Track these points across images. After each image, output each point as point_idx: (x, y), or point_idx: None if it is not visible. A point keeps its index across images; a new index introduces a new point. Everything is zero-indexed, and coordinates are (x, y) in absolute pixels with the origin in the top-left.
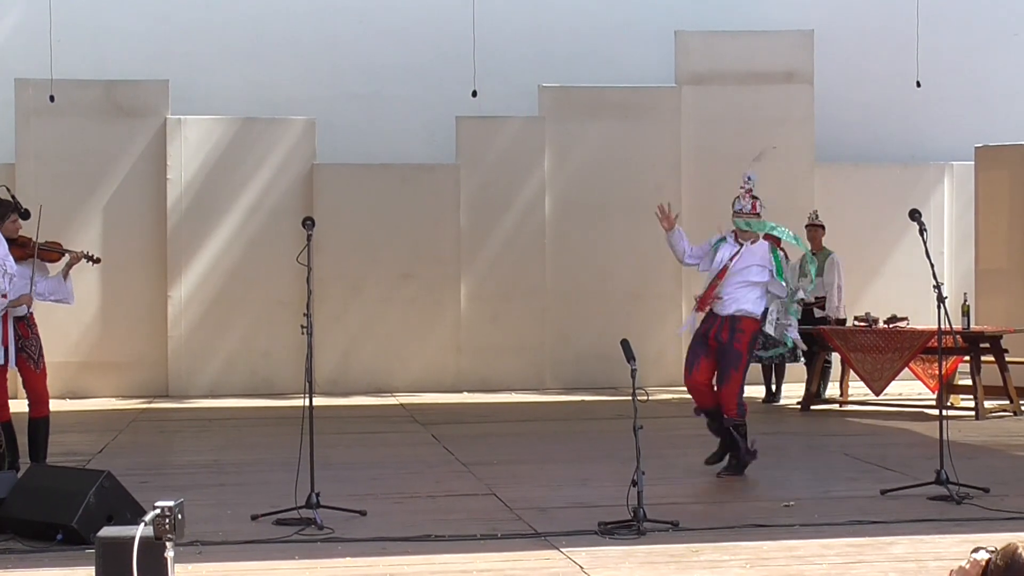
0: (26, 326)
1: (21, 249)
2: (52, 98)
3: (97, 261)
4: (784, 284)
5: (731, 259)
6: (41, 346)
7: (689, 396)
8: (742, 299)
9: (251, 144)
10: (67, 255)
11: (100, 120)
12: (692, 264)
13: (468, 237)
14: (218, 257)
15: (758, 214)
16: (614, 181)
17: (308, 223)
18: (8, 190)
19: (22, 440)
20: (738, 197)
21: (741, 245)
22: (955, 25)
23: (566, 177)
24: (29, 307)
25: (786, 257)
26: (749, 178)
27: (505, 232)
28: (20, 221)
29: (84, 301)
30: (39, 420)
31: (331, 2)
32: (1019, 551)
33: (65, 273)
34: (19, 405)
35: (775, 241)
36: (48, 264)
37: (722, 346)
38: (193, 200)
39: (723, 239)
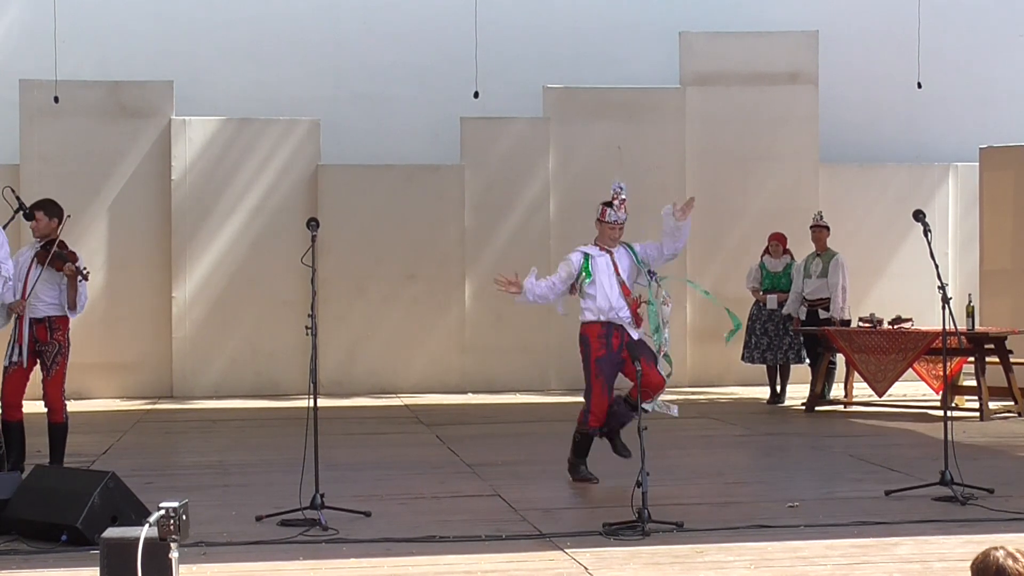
0: (46, 329)
1: (45, 251)
2: (56, 99)
3: (86, 277)
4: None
5: (615, 270)
6: (60, 351)
7: (693, 397)
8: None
9: (255, 145)
10: (65, 268)
11: (104, 121)
12: (562, 292)
13: (472, 237)
14: (222, 258)
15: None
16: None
17: (313, 224)
18: (12, 191)
19: (33, 441)
20: (613, 207)
21: (610, 252)
22: (959, 26)
23: (570, 178)
24: (20, 311)
25: (792, 258)
26: (621, 187)
27: (509, 232)
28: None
29: (88, 301)
30: (53, 426)
31: (335, 3)
32: (992, 553)
33: (70, 288)
34: (40, 407)
35: (782, 239)
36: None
37: (632, 343)
38: (197, 201)
39: (587, 255)
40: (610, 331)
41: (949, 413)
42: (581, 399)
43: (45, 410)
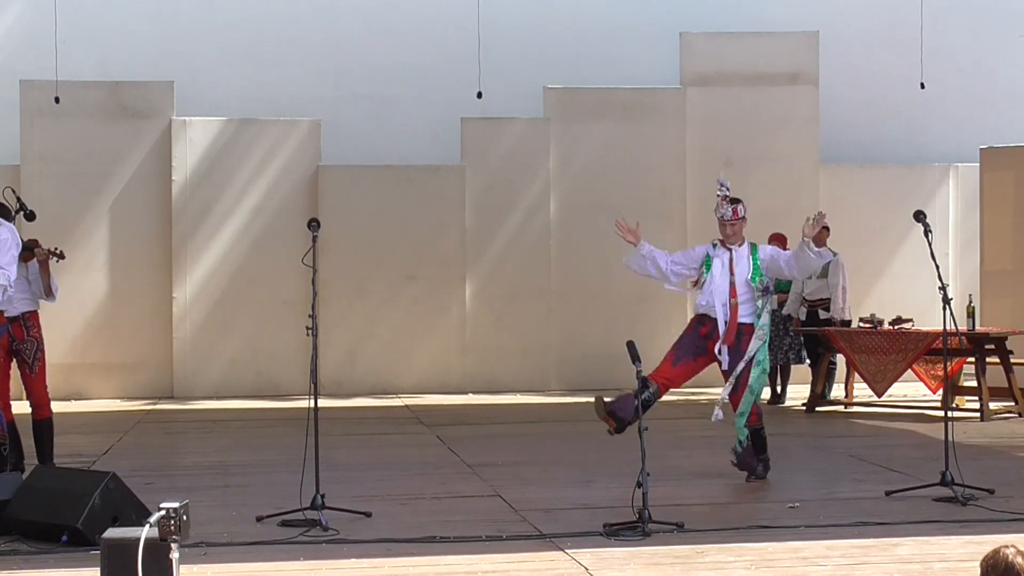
0: (21, 327)
1: None
2: (57, 99)
3: (62, 257)
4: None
5: (731, 269)
6: (39, 347)
7: (693, 397)
8: (747, 308)
9: (256, 145)
10: (36, 253)
11: (105, 121)
12: (681, 277)
13: (473, 238)
14: (223, 258)
15: (743, 218)
16: (619, 182)
17: (313, 224)
18: (13, 191)
19: (27, 442)
20: (718, 205)
21: (730, 250)
22: (960, 26)
23: (571, 178)
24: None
25: None
26: (722, 184)
27: (510, 233)
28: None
29: (89, 302)
30: (41, 423)
31: (336, 3)
32: (1001, 551)
33: (43, 273)
34: (25, 406)
35: (782, 239)
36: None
37: (732, 354)
38: (198, 201)
39: (708, 254)
40: (703, 321)
41: (949, 414)
42: (581, 400)
43: (29, 409)
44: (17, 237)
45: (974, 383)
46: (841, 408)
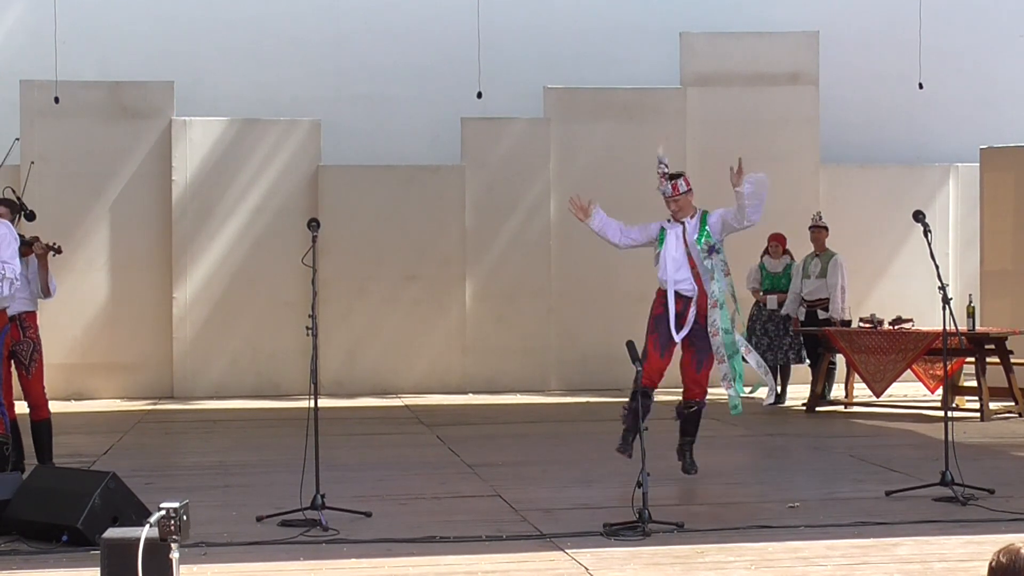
0: (17, 327)
1: None
2: (57, 99)
3: (59, 251)
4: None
5: (685, 240)
6: (36, 348)
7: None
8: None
9: (256, 145)
10: (34, 248)
11: (105, 121)
12: (630, 244)
13: (473, 238)
14: (223, 258)
15: (686, 192)
16: (619, 182)
17: (313, 224)
18: (14, 191)
19: (28, 441)
20: (659, 183)
21: (683, 223)
22: (960, 26)
23: (571, 178)
24: None
25: (791, 258)
26: (660, 161)
27: (510, 233)
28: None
29: (89, 302)
30: (39, 423)
31: (336, 3)
32: (1021, 551)
33: (42, 268)
34: (26, 406)
35: (781, 239)
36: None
37: (697, 329)
38: (198, 201)
39: (663, 228)
40: (674, 297)
41: (949, 413)
42: (581, 400)
43: (28, 409)
44: (15, 232)
45: (974, 383)
46: (841, 408)
